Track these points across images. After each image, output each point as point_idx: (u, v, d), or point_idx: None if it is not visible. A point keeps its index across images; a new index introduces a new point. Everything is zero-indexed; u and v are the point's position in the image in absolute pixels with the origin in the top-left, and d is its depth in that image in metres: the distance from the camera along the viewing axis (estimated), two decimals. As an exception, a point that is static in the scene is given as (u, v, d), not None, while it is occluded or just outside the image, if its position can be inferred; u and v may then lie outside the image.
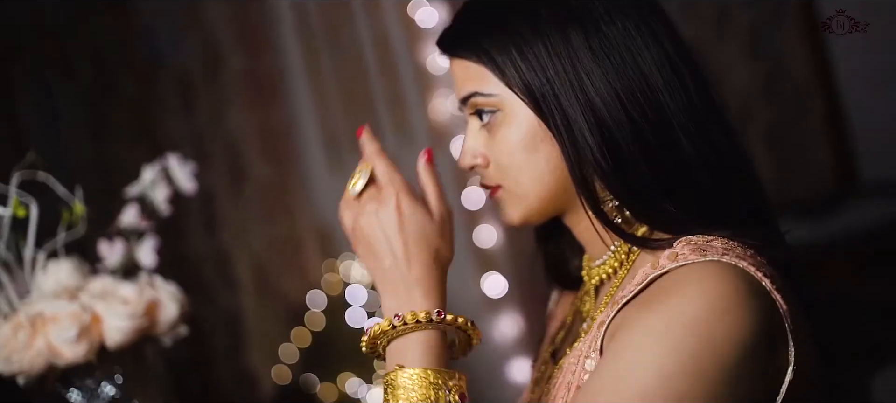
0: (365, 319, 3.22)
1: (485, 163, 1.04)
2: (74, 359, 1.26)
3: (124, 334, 1.27)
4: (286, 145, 3.48)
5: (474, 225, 3.27)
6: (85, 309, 1.25)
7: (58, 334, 1.24)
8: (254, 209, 3.41)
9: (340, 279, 3.30)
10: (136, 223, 1.35)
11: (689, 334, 0.82)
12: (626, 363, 0.84)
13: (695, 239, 0.91)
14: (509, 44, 0.97)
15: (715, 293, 0.84)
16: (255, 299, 3.44)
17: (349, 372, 3.19)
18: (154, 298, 1.31)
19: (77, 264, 1.33)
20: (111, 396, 1.34)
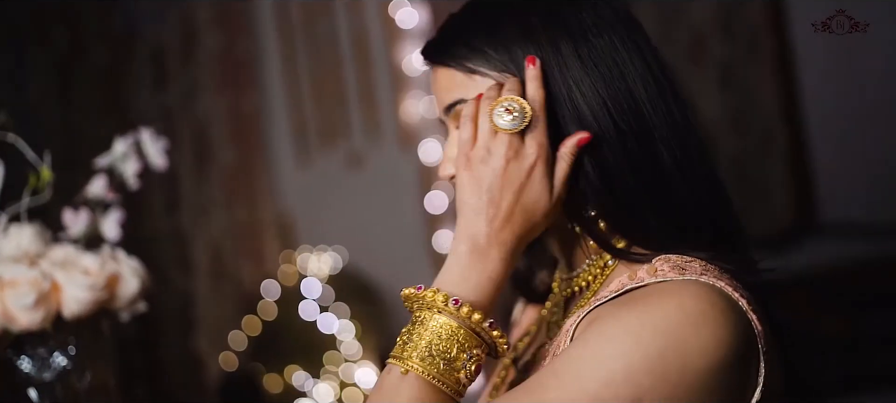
0: (317, 313, 3.21)
1: None
2: (29, 326, 1.24)
3: (82, 305, 1.25)
4: (254, 132, 3.46)
5: (434, 230, 3.28)
6: (45, 276, 1.23)
7: (15, 299, 1.21)
8: (216, 192, 3.39)
9: (297, 271, 3.28)
10: (103, 194, 1.33)
11: (660, 335, 0.83)
12: (594, 349, 0.84)
13: (674, 258, 0.92)
14: (500, 50, 0.97)
15: (692, 305, 0.85)
16: (209, 283, 3.41)
17: (296, 365, 3.18)
18: (116, 272, 1.29)
19: (39, 230, 1.30)
20: (62, 367, 1.32)
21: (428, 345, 0.87)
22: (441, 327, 0.87)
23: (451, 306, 0.87)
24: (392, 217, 3.42)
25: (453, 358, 0.87)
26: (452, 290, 0.89)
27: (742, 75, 3.32)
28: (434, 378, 0.86)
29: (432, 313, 0.88)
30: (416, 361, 0.86)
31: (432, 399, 0.86)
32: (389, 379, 0.87)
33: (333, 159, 3.45)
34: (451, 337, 0.87)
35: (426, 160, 3.27)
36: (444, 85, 1.01)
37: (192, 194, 3.38)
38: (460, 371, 0.87)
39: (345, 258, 3.34)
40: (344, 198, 3.45)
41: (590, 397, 0.81)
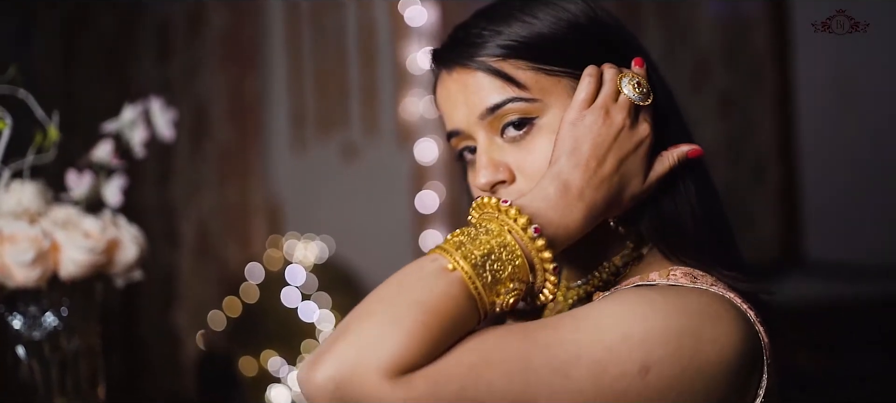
0: (299, 300, 3.21)
1: (509, 177, 0.99)
2: (24, 283, 1.24)
3: (80, 267, 1.25)
4: (253, 114, 3.46)
5: (423, 229, 3.28)
6: (46, 235, 1.23)
7: (13, 255, 1.21)
8: (209, 170, 3.38)
9: (283, 256, 3.28)
10: (108, 159, 1.33)
11: (682, 314, 0.85)
12: (615, 309, 0.84)
13: (686, 268, 0.95)
14: (578, 49, 0.97)
15: (709, 303, 0.88)
16: (193, 259, 3.40)
17: (273, 351, 3.18)
18: (116, 237, 1.29)
19: (42, 189, 1.30)
20: (53, 327, 1.31)
21: (484, 256, 0.83)
22: (506, 246, 0.84)
23: (531, 232, 0.85)
24: (382, 212, 3.42)
25: (501, 280, 0.84)
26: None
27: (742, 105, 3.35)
28: (475, 289, 0.82)
29: (503, 229, 0.85)
30: (467, 265, 0.82)
31: (463, 306, 0.81)
32: (430, 267, 0.82)
33: (329, 149, 3.45)
34: (509, 260, 0.84)
35: (421, 159, 3.28)
36: (475, 86, 0.99)
37: (186, 169, 3.37)
38: (500, 294, 0.84)
39: (331, 248, 3.34)
40: (336, 189, 3.45)
41: (603, 347, 0.81)
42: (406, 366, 0.77)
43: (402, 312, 0.78)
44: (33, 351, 1.30)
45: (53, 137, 1.31)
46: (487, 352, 0.80)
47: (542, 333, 0.82)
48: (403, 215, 3.35)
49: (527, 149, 0.97)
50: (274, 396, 3.12)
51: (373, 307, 0.80)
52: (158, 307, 3.39)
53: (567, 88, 0.97)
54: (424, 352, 0.78)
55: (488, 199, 0.88)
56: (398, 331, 0.77)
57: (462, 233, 0.85)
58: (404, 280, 0.82)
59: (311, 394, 0.78)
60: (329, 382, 0.77)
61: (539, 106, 0.97)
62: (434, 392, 0.77)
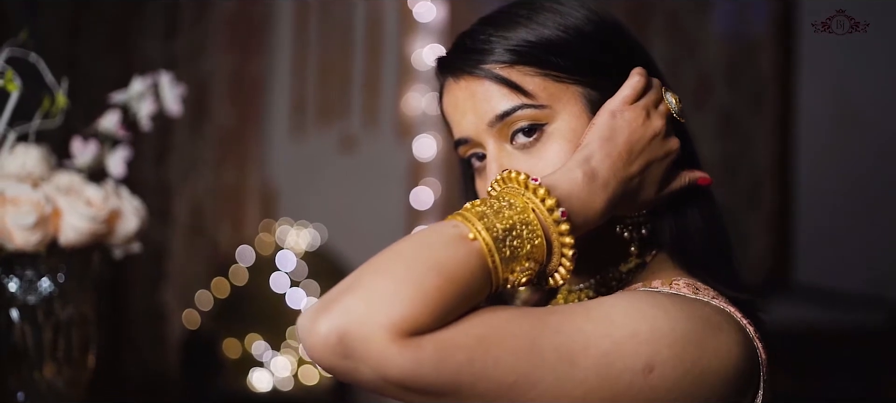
0: (288, 286, 3.21)
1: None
2: (23, 247, 1.24)
3: (80, 235, 1.25)
4: (254, 98, 3.46)
5: (415, 225, 3.29)
6: (48, 200, 1.23)
7: (15, 217, 1.21)
8: (207, 150, 3.38)
9: (275, 241, 3.29)
10: (114, 130, 1.34)
11: (688, 319, 0.85)
12: (626, 305, 0.85)
13: (688, 280, 0.96)
14: (588, 57, 0.98)
15: (712, 314, 0.89)
16: (185, 238, 3.40)
17: (258, 335, 3.18)
18: (117, 208, 1.29)
19: (46, 154, 1.31)
20: (48, 292, 1.32)
21: (506, 231, 0.81)
22: (528, 224, 0.83)
23: (558, 214, 0.84)
24: (376, 205, 3.43)
25: (518, 258, 0.82)
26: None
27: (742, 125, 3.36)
28: (492, 262, 0.80)
29: (528, 207, 0.83)
30: (488, 237, 0.80)
31: (478, 277, 0.80)
32: (451, 232, 0.81)
33: (328, 138, 3.46)
34: (529, 239, 0.82)
35: (419, 155, 3.28)
36: (483, 95, 0.99)
37: (184, 148, 3.36)
38: (515, 272, 0.83)
39: (323, 236, 3.35)
40: (332, 178, 3.46)
41: (612, 340, 0.81)
42: (415, 328, 0.75)
43: (420, 272, 0.76)
44: (27, 315, 1.30)
45: (61, 104, 1.31)
46: (499, 327, 0.78)
47: (554, 318, 0.82)
48: (397, 209, 3.36)
49: (537, 155, 0.98)
50: (255, 380, 3.13)
51: (388, 263, 0.78)
52: (146, 283, 3.38)
53: (575, 94, 0.97)
54: (436, 317, 0.76)
55: (517, 174, 0.86)
56: (413, 291, 0.75)
57: (484, 204, 0.83)
58: (424, 240, 0.80)
59: (312, 345, 0.75)
60: (332, 333, 0.74)
61: (548, 112, 0.97)
62: (441, 358, 0.75)
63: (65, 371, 1.35)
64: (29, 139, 1.32)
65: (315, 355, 0.75)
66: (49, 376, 1.34)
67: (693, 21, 3.31)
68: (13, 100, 1.29)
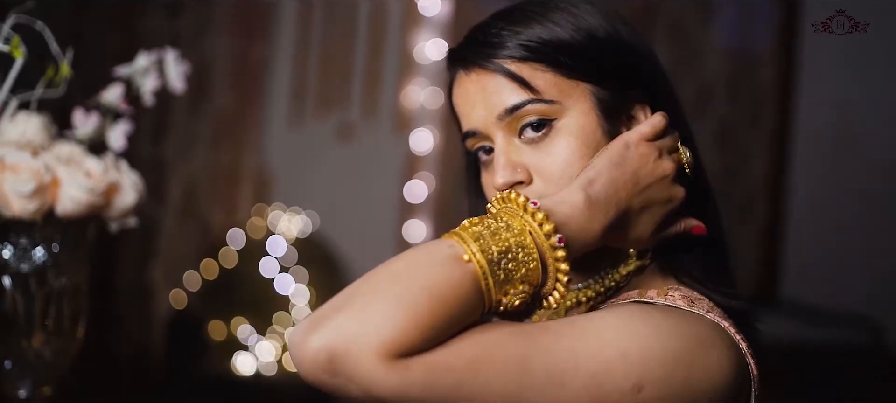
0: (277, 272, 3.22)
1: (527, 178, 0.99)
2: (20, 214, 1.24)
3: (78, 206, 1.25)
4: (255, 81, 3.46)
5: (407, 218, 3.29)
6: (47, 169, 1.23)
7: (13, 184, 1.21)
8: (204, 131, 3.37)
9: (266, 226, 3.29)
10: (117, 103, 1.34)
11: (679, 339, 0.86)
12: (617, 323, 0.85)
13: (684, 290, 0.96)
14: (584, 44, 0.99)
15: (704, 330, 0.89)
16: (176, 217, 3.39)
17: (244, 319, 3.18)
18: (117, 181, 1.29)
19: (47, 123, 1.31)
20: (42, 262, 1.32)
21: (502, 254, 0.81)
22: (524, 247, 0.82)
23: (554, 240, 0.83)
24: (370, 196, 3.43)
25: (512, 280, 0.82)
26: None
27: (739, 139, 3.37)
28: (486, 285, 0.80)
29: (525, 229, 0.83)
30: (483, 259, 0.80)
31: (471, 299, 0.80)
32: (446, 252, 0.81)
33: (325, 126, 3.45)
34: (524, 263, 0.82)
35: (416, 148, 3.28)
36: (493, 88, 0.99)
37: (181, 127, 3.36)
38: (508, 294, 0.82)
39: (315, 224, 3.35)
40: (327, 167, 3.46)
41: (602, 360, 0.82)
42: (405, 349, 0.75)
43: (412, 294, 0.77)
44: (19, 283, 1.30)
45: (65, 73, 1.31)
46: (488, 349, 0.79)
47: (544, 337, 0.82)
48: (391, 201, 3.36)
49: (545, 151, 0.98)
50: (239, 363, 3.13)
51: (381, 283, 0.78)
52: (135, 260, 3.38)
53: (585, 92, 0.98)
54: (427, 338, 0.77)
55: (516, 195, 0.86)
56: (404, 313, 0.76)
57: (481, 224, 0.83)
58: (417, 260, 0.81)
59: (302, 361, 0.76)
60: (322, 352, 0.75)
61: (558, 108, 0.97)
62: (430, 381, 0.76)
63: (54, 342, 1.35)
64: (31, 107, 1.32)
65: (304, 370, 0.77)
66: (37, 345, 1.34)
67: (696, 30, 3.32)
68: (17, 67, 1.29)
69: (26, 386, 1.32)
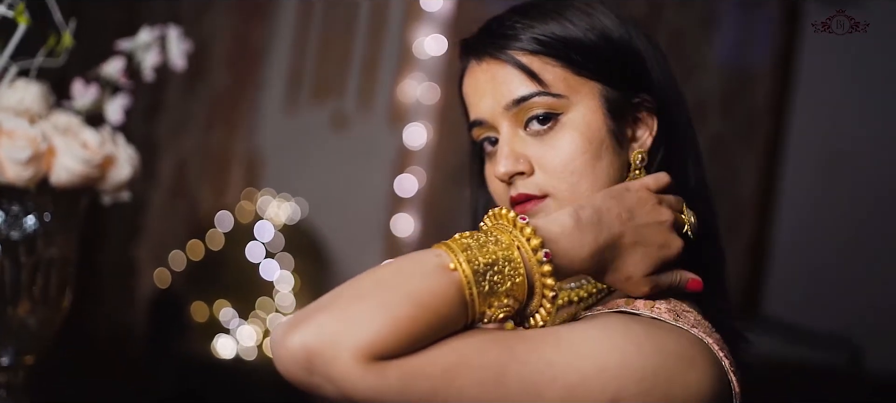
0: (263, 257, 3.21)
1: (529, 170, 1.00)
2: (14, 181, 1.23)
3: (72, 176, 1.25)
4: (252, 65, 3.45)
5: (396, 212, 3.29)
6: (44, 137, 1.23)
7: (9, 150, 1.20)
8: (198, 111, 3.37)
9: (255, 210, 3.28)
10: (117, 76, 1.33)
11: (659, 354, 0.86)
12: (598, 335, 0.85)
13: (672, 301, 0.95)
14: (599, 44, 1.00)
15: (687, 347, 0.89)
16: (166, 196, 3.39)
17: (227, 302, 3.18)
18: (113, 154, 1.29)
19: (45, 92, 1.30)
20: (32, 230, 1.31)
21: (488, 266, 0.82)
22: (511, 261, 0.83)
23: (541, 255, 0.83)
24: (360, 187, 3.43)
25: (498, 293, 0.82)
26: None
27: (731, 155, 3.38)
28: (470, 295, 0.81)
29: (513, 244, 0.83)
30: (469, 269, 0.81)
31: (454, 308, 0.81)
32: (433, 261, 0.82)
33: (320, 115, 3.45)
34: (510, 276, 0.83)
35: (409, 143, 3.28)
36: (503, 79, 1.01)
37: (175, 105, 3.35)
38: (492, 306, 0.83)
39: (304, 211, 3.35)
40: (319, 155, 3.46)
41: (580, 374, 0.82)
42: (383, 353, 0.76)
43: (394, 300, 0.78)
44: (8, 251, 1.30)
45: (67, 43, 1.31)
46: (465, 357, 0.79)
47: (523, 347, 0.82)
48: (380, 194, 3.36)
49: (549, 144, 0.99)
50: (220, 346, 3.12)
51: (366, 288, 0.80)
52: (122, 235, 3.37)
53: (594, 90, 1.00)
54: (405, 344, 0.77)
55: (506, 211, 0.87)
56: (384, 317, 0.77)
57: (471, 237, 0.84)
58: (403, 268, 0.82)
59: (282, 357, 0.77)
60: (302, 349, 0.76)
61: (565, 103, 0.99)
62: (404, 385, 0.77)
63: (39, 311, 1.34)
64: (30, 75, 1.31)
65: (282, 367, 0.78)
66: (22, 314, 1.33)
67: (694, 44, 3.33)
68: (20, 33, 1.28)
69: (9, 354, 1.31)
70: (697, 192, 1.02)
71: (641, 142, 1.03)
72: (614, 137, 1.00)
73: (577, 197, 0.98)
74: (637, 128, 1.03)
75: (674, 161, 1.02)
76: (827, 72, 3.27)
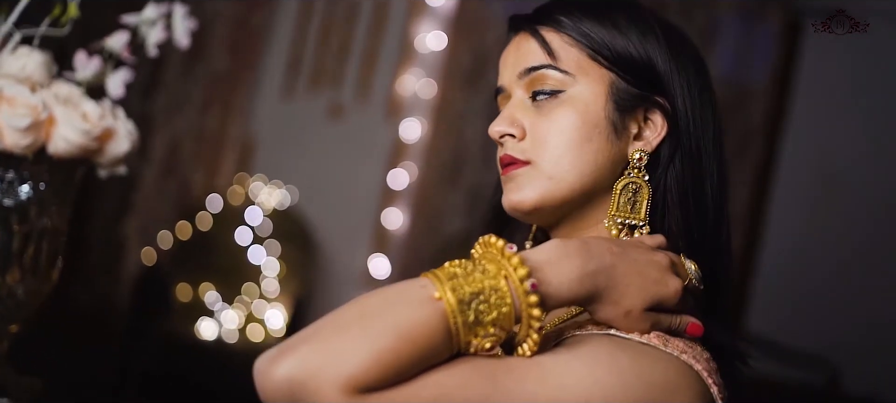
0: (251, 241, 3.21)
1: (520, 135, 1.02)
2: (11, 148, 1.23)
3: (71, 147, 1.24)
4: (252, 49, 3.45)
5: (387, 205, 3.30)
6: (45, 106, 1.23)
7: (9, 117, 1.20)
8: (195, 92, 3.36)
9: (246, 194, 3.28)
10: (120, 50, 1.33)
11: (643, 386, 0.85)
12: (581, 366, 0.85)
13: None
14: (620, 32, 1.02)
15: (673, 376, 0.88)
16: (157, 174, 3.38)
17: (212, 284, 3.17)
18: (112, 127, 1.29)
19: (47, 62, 1.30)
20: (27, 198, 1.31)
21: (473, 295, 0.82)
22: (497, 290, 0.82)
23: (527, 285, 0.83)
24: (352, 178, 3.43)
25: (483, 323, 0.82)
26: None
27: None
28: (454, 325, 0.81)
29: (500, 273, 0.83)
30: (453, 298, 0.81)
31: (439, 339, 0.81)
32: (418, 293, 0.82)
33: (317, 103, 3.45)
34: (497, 306, 0.82)
35: (404, 136, 3.29)
36: (525, 49, 1.04)
37: (173, 85, 3.34)
38: (478, 336, 0.83)
39: (294, 198, 3.34)
40: (313, 144, 3.45)
41: None
42: (366, 386, 0.77)
43: (377, 332, 0.78)
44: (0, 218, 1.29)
45: (72, 13, 1.30)
46: (448, 390, 0.80)
47: (507, 379, 0.82)
48: (372, 186, 3.36)
49: (545, 114, 1.01)
50: (202, 328, 3.12)
51: (349, 318, 0.80)
52: (111, 211, 3.36)
53: (603, 77, 1.01)
54: (388, 376, 0.78)
55: (495, 240, 0.86)
56: (368, 349, 0.77)
57: (459, 265, 0.84)
58: (388, 298, 0.82)
59: (266, 389, 0.78)
60: (285, 382, 0.77)
61: (570, 80, 1.01)
62: None
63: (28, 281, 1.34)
64: (33, 43, 1.31)
65: (266, 397, 0.78)
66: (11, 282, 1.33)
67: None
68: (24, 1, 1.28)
69: (-6, 321, 1.31)
70: (713, 227, 1.01)
71: (646, 141, 1.02)
72: (612, 126, 1.00)
73: (557, 170, 1.00)
74: (646, 126, 1.03)
75: (687, 180, 1.01)
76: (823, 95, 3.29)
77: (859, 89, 3.23)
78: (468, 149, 3.16)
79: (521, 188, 1.01)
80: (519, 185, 1.02)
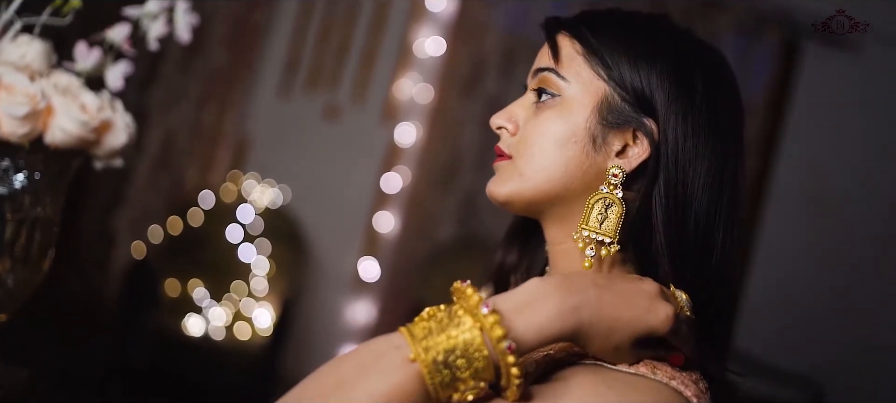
0: (242, 239, 3.21)
1: (513, 130, 1.06)
2: (7, 136, 1.22)
3: (68, 137, 1.24)
4: (250, 46, 3.44)
5: (378, 209, 3.30)
6: (44, 95, 1.22)
7: (7, 104, 1.20)
8: (193, 88, 3.35)
9: (238, 192, 3.28)
10: (121, 42, 1.33)
11: None
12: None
13: (651, 351, 0.93)
14: (624, 52, 1.01)
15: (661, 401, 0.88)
16: (150, 168, 3.37)
17: (200, 281, 3.16)
18: (110, 119, 1.28)
19: (47, 51, 1.30)
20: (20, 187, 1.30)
21: (447, 352, 0.81)
22: (472, 345, 0.82)
23: (503, 346, 0.81)
24: (345, 180, 3.43)
25: (461, 379, 0.82)
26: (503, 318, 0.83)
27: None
28: (431, 386, 0.81)
29: (476, 325, 0.82)
30: (428, 359, 0.81)
31: (418, 400, 0.81)
32: (392, 356, 0.82)
33: (313, 103, 3.45)
34: (475, 360, 0.81)
35: (399, 140, 3.29)
36: (545, 53, 1.06)
37: (170, 80, 3.34)
38: (459, 391, 0.82)
39: (286, 198, 3.34)
40: (308, 144, 3.45)
41: None
42: None
43: (354, 400, 0.79)
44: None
45: (75, 4, 1.30)
46: None
47: None
48: (365, 189, 3.36)
49: (537, 116, 1.04)
50: (190, 325, 3.11)
51: (327, 390, 0.81)
52: (102, 203, 3.35)
53: (598, 90, 1.01)
54: None
55: (472, 293, 0.84)
56: None
57: (433, 318, 0.84)
58: (364, 363, 0.82)
59: None
60: None
61: (565, 86, 1.02)
62: None
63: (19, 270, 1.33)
64: (34, 32, 1.31)
65: None
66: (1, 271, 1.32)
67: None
68: (27, -12, 1.28)
69: (-17, 310, 1.30)
70: (697, 258, 0.98)
71: (627, 159, 1.00)
72: (591, 137, 1.00)
73: (528, 169, 1.02)
74: (633, 145, 1.00)
75: (670, 208, 0.98)
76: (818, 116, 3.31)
77: (854, 111, 3.25)
78: (463, 156, 3.16)
79: (497, 180, 1.05)
80: (498, 177, 1.05)
